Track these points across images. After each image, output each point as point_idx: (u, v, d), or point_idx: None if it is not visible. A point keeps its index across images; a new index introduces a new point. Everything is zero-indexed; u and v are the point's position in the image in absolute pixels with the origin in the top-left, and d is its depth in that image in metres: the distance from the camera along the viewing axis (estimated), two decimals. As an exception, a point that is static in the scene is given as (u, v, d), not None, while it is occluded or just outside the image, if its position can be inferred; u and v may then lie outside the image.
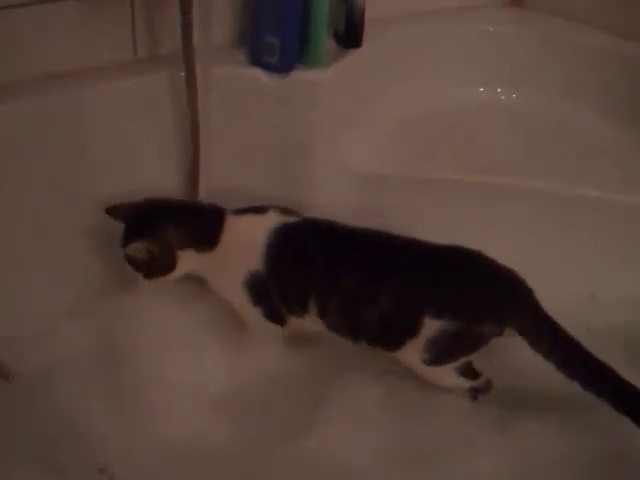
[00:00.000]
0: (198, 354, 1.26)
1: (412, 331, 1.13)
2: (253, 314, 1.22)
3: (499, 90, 1.64)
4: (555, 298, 1.26)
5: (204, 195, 1.35)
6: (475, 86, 1.63)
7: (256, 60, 1.34)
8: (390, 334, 1.15)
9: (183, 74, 1.25)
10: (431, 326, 1.12)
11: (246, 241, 1.20)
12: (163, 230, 1.19)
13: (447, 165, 1.46)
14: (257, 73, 1.33)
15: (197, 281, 1.26)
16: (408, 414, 1.20)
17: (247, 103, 1.33)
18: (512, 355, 1.22)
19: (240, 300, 1.21)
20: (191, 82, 1.25)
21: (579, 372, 1.12)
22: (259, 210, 1.23)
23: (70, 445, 1.11)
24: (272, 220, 1.20)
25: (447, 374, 1.18)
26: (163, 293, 1.28)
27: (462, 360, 1.17)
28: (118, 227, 1.22)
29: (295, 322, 1.22)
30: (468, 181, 1.42)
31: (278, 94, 1.33)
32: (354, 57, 1.41)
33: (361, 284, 1.14)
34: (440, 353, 1.14)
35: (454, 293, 1.14)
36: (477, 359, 1.20)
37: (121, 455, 1.12)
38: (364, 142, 1.46)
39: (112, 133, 1.28)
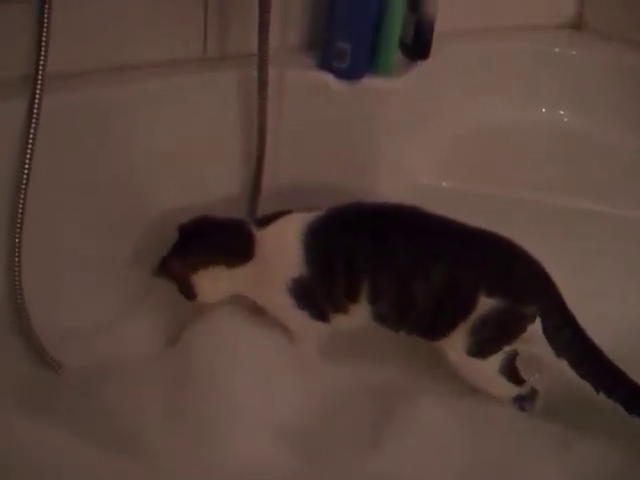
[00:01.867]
0: (266, 377, 1.22)
1: (467, 309, 1.12)
2: (299, 318, 1.21)
3: (561, 112, 1.64)
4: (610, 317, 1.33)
5: (265, 195, 1.36)
6: (537, 107, 1.63)
7: (327, 65, 1.34)
8: (443, 314, 1.14)
9: (254, 73, 1.25)
10: (484, 304, 1.12)
11: (281, 248, 1.18)
12: (167, 262, 1.19)
13: (500, 181, 1.46)
14: (327, 78, 1.34)
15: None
16: (474, 434, 1.18)
17: (315, 107, 1.34)
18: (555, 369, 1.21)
19: (284, 307, 1.20)
20: (263, 81, 1.25)
21: (592, 371, 1.14)
22: (282, 214, 1.21)
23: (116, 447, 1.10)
24: (301, 220, 1.18)
25: (492, 373, 1.18)
26: (236, 312, 1.26)
27: (504, 351, 1.17)
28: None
29: (339, 320, 1.21)
30: (517, 197, 1.44)
31: (346, 100, 1.34)
32: (422, 69, 1.41)
33: (414, 259, 1.14)
34: (485, 337, 1.14)
35: (504, 271, 1.15)
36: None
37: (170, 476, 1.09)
38: (424, 153, 1.46)
39: (177, 129, 1.28)
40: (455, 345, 1.16)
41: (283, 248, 1.18)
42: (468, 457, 1.15)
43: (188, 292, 1.20)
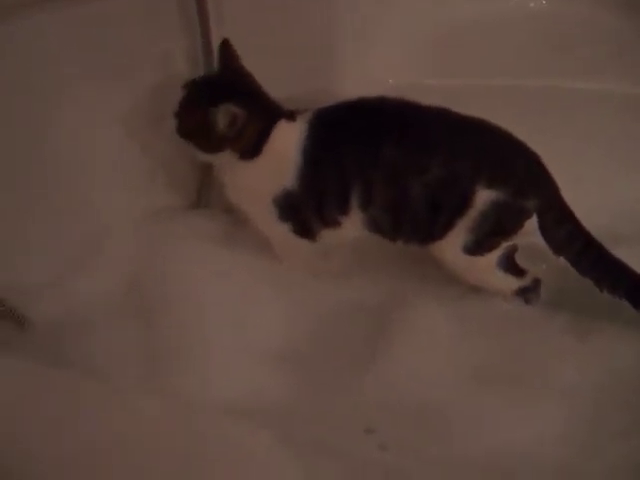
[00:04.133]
0: (248, 303, 1.15)
1: (464, 204, 1.05)
2: (281, 231, 1.14)
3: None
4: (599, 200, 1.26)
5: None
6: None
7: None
8: (440, 211, 1.07)
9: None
10: (482, 197, 1.05)
11: (283, 154, 1.10)
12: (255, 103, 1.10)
13: (477, 72, 1.41)
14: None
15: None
16: (479, 333, 1.12)
17: (259, 7, 1.23)
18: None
19: (267, 217, 1.13)
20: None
21: (593, 267, 1.09)
22: (293, 116, 1.12)
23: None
24: (300, 128, 1.10)
25: (490, 269, 1.12)
26: (200, 235, 1.20)
27: (502, 246, 1.10)
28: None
29: (330, 235, 1.14)
30: (497, 85, 1.38)
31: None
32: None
33: (407, 154, 1.06)
34: (484, 234, 1.07)
35: (503, 162, 1.08)
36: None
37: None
38: (393, 51, 1.39)
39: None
40: (453, 245, 1.09)
41: (284, 155, 1.09)
42: (478, 358, 1.08)
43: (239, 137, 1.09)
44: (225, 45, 1.12)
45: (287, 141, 1.09)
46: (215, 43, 1.18)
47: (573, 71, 1.40)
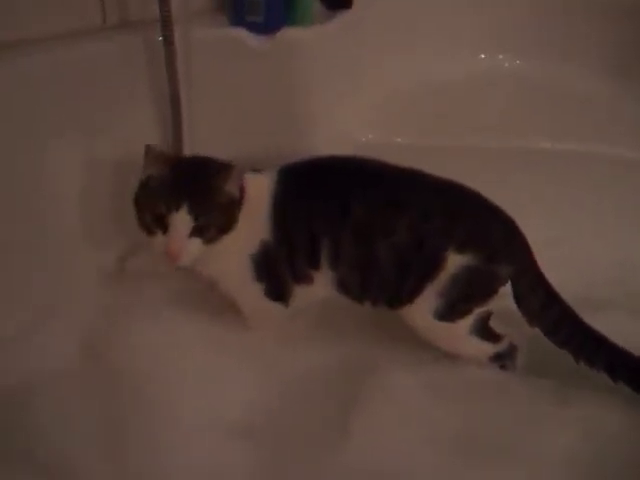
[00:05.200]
0: (211, 374, 1.10)
1: (434, 267, 1.02)
2: (254, 293, 1.09)
3: (501, 57, 1.55)
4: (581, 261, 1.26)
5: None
6: (475, 54, 1.54)
7: (239, 21, 1.23)
8: (410, 274, 1.03)
9: (160, 38, 1.13)
10: (454, 261, 1.02)
11: (257, 208, 1.05)
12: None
13: (447, 132, 1.39)
14: (241, 34, 1.22)
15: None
16: (454, 401, 1.07)
17: (232, 66, 1.22)
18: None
19: (243, 278, 1.08)
20: (169, 42, 1.13)
21: (570, 338, 1.06)
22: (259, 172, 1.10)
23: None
24: (270, 180, 1.07)
25: (463, 334, 1.08)
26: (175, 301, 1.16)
27: (475, 312, 1.06)
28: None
29: (302, 293, 1.10)
30: (465, 146, 1.36)
31: (264, 55, 1.22)
32: (344, 18, 1.30)
33: (376, 213, 1.03)
34: (455, 299, 1.03)
35: (475, 226, 1.05)
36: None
37: None
38: (360, 109, 1.37)
39: (84, 103, 1.15)
40: (423, 310, 1.05)
41: (258, 209, 1.05)
42: (453, 427, 1.04)
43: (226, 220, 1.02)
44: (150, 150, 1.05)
45: (259, 194, 1.06)
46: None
47: (546, 131, 1.40)
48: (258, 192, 1.05)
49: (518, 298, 1.06)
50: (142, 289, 1.19)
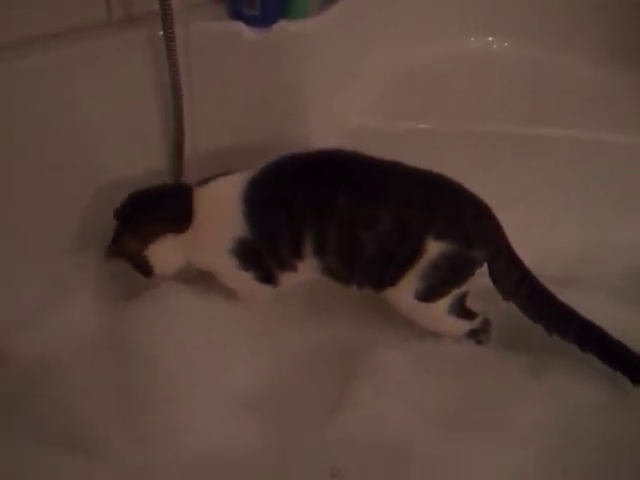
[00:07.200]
0: (216, 348, 1.18)
1: (415, 254, 1.09)
2: (245, 281, 1.17)
3: (490, 39, 1.59)
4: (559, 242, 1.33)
5: (189, 160, 1.29)
6: (465, 36, 1.58)
7: (237, 14, 1.27)
8: (392, 260, 1.11)
9: (161, 33, 1.18)
10: (433, 247, 1.09)
11: (221, 209, 1.15)
12: (118, 241, 1.16)
13: (440, 116, 1.42)
14: (238, 27, 1.26)
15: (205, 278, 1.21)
16: (438, 376, 1.15)
17: (230, 58, 1.26)
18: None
19: (229, 269, 1.16)
20: (170, 39, 1.17)
21: (542, 313, 1.13)
22: (221, 175, 1.18)
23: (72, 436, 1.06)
24: (239, 180, 1.14)
25: (441, 314, 1.16)
26: (179, 287, 1.23)
27: (453, 293, 1.14)
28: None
29: (288, 278, 1.17)
30: (457, 130, 1.39)
31: (261, 47, 1.27)
32: (340, 8, 1.34)
33: (359, 204, 1.09)
34: (434, 283, 1.11)
35: (452, 214, 1.11)
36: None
37: (130, 458, 1.05)
38: (356, 95, 1.40)
39: (91, 98, 1.21)
40: (405, 292, 1.13)
41: (223, 209, 1.14)
42: (437, 400, 1.12)
43: (144, 267, 1.17)
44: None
45: (224, 197, 1.14)
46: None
47: (532, 115, 1.44)
48: (223, 195, 1.14)
49: (494, 278, 1.14)
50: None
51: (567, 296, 1.15)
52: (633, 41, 1.53)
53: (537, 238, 1.28)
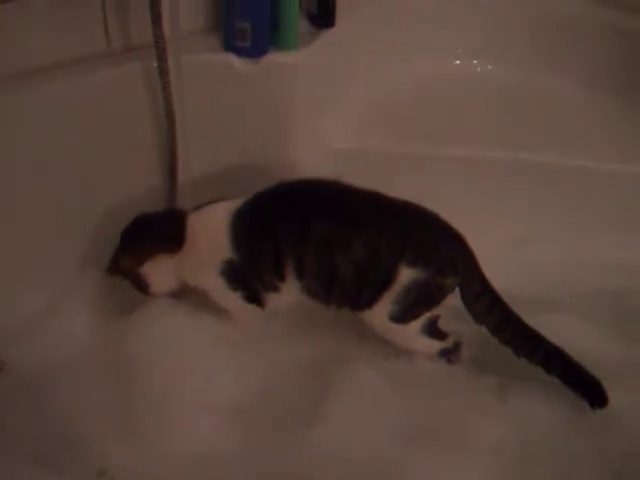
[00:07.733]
0: (204, 361, 1.25)
1: (389, 279, 1.16)
2: (234, 300, 1.25)
3: (475, 62, 1.65)
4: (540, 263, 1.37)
5: (183, 184, 1.37)
6: (451, 59, 1.63)
7: (230, 46, 1.35)
8: (367, 285, 1.17)
9: (156, 64, 1.25)
10: (405, 274, 1.15)
11: (210, 232, 1.22)
12: (117, 260, 1.24)
13: (424, 139, 1.47)
14: (230, 58, 1.34)
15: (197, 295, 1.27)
16: (411, 393, 1.21)
17: (222, 89, 1.34)
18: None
19: (219, 289, 1.24)
20: (164, 71, 1.25)
21: (511, 337, 1.19)
22: (214, 202, 1.25)
23: (69, 444, 1.13)
24: (227, 207, 1.22)
25: (414, 334, 1.22)
26: (173, 302, 1.30)
27: (425, 316, 1.21)
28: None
29: (273, 299, 1.25)
30: (441, 154, 1.44)
31: (252, 78, 1.34)
32: (327, 37, 1.41)
33: (336, 232, 1.16)
34: (407, 306, 1.17)
35: (424, 243, 1.17)
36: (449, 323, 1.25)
37: (123, 462, 1.12)
38: (343, 121, 1.47)
39: (87, 126, 1.29)
40: (379, 314, 1.20)
41: (212, 233, 1.22)
42: (404, 417, 1.18)
43: (141, 285, 1.26)
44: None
45: (216, 222, 1.22)
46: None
47: (512, 140, 1.48)
48: (213, 221, 1.22)
49: (466, 303, 1.20)
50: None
51: (543, 317, 1.22)
52: (618, 65, 1.59)
53: (517, 259, 1.34)
